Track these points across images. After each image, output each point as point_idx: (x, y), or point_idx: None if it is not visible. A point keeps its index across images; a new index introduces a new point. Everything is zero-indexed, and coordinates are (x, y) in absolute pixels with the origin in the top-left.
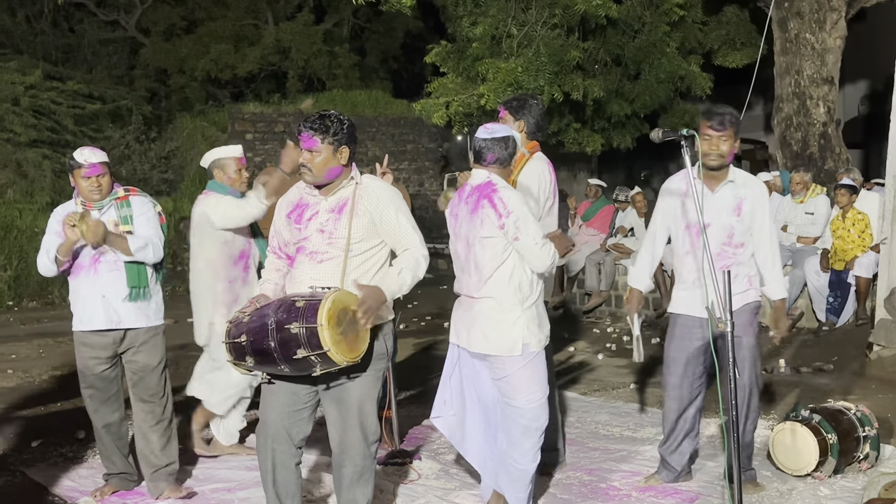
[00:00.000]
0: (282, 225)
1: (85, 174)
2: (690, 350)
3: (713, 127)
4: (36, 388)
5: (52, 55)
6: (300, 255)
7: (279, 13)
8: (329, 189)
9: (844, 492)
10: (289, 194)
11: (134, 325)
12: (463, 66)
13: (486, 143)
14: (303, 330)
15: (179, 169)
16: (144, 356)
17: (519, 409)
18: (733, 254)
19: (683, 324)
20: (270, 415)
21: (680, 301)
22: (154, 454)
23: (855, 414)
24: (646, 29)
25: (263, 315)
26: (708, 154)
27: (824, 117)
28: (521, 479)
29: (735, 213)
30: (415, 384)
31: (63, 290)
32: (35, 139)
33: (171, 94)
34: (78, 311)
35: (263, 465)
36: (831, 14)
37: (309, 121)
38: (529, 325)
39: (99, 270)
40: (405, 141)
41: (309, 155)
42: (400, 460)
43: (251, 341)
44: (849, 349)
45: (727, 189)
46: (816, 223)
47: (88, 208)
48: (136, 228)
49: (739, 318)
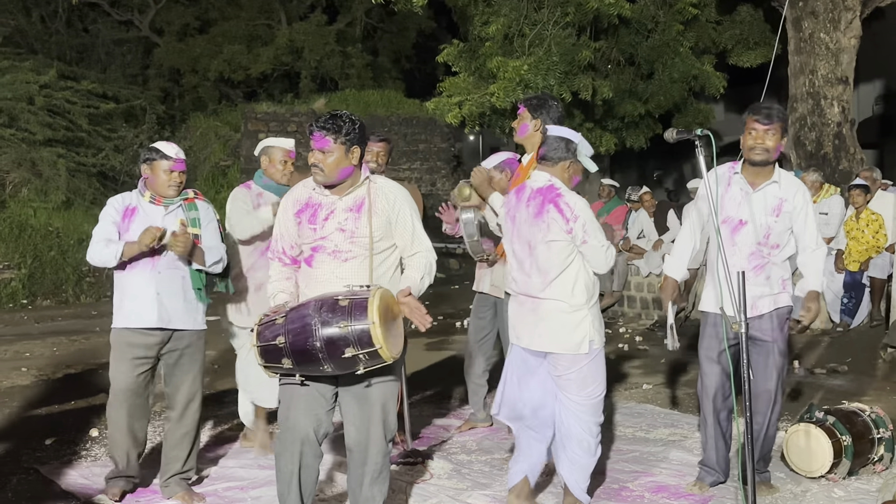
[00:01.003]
0: (289, 225)
1: (171, 167)
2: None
3: (759, 120)
4: (50, 386)
5: (66, 55)
6: (319, 254)
7: (292, 13)
8: (342, 188)
9: (859, 494)
10: (294, 194)
11: (183, 326)
12: (475, 65)
13: (555, 141)
14: (352, 328)
15: (193, 168)
16: (188, 359)
17: (581, 404)
18: (768, 254)
19: (714, 322)
20: (300, 418)
21: (710, 299)
22: (179, 461)
23: (869, 416)
24: (659, 28)
25: (303, 316)
26: (753, 148)
27: (839, 117)
28: (582, 470)
29: (774, 213)
30: (427, 384)
31: (77, 289)
32: (50, 138)
33: (185, 93)
34: (126, 308)
35: (288, 468)
36: (846, 13)
37: (321, 121)
38: (594, 323)
39: (157, 267)
40: (417, 141)
41: (321, 155)
42: (412, 460)
43: (290, 342)
44: (863, 350)
45: (770, 189)
46: (830, 223)
47: (158, 203)
48: (205, 237)
49: (770, 322)
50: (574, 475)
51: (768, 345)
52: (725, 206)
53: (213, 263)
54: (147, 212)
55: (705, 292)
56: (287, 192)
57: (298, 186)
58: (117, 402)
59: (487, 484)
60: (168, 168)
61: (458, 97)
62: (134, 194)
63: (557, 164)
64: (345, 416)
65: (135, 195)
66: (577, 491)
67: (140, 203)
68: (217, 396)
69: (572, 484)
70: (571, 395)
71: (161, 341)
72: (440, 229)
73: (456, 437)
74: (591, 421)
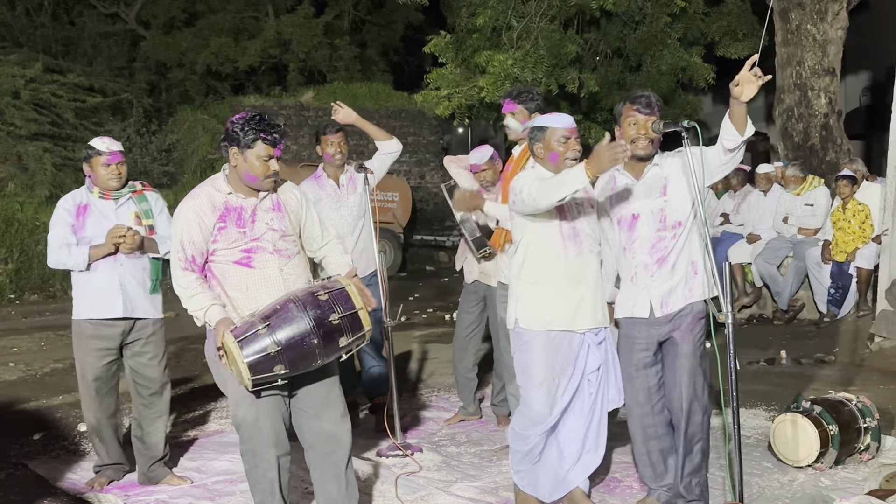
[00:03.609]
0: (204, 231)
1: (106, 161)
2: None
3: (640, 109)
4: (38, 381)
5: (52, 48)
6: (258, 254)
7: (279, 6)
8: (255, 190)
9: (845, 483)
10: (204, 201)
11: (145, 315)
12: (462, 56)
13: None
14: (345, 318)
15: (180, 162)
16: (152, 347)
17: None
18: (672, 237)
19: (628, 333)
20: (272, 423)
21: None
22: (156, 447)
23: (856, 405)
24: (647, 20)
25: (291, 318)
26: (636, 140)
27: (826, 108)
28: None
29: (661, 194)
30: (416, 377)
31: (65, 283)
32: (36, 132)
33: (172, 87)
34: (90, 300)
35: (268, 476)
36: (832, 5)
37: (276, 129)
38: (525, 303)
39: (119, 259)
40: (406, 133)
41: (277, 165)
42: (401, 452)
43: (285, 347)
44: (850, 340)
45: (652, 172)
46: (816, 215)
47: (107, 198)
48: (159, 226)
49: (683, 320)
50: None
51: (678, 347)
52: (616, 206)
53: (167, 252)
54: (99, 207)
55: (619, 298)
56: (188, 199)
57: (204, 193)
58: (90, 393)
59: (476, 476)
60: (104, 162)
61: (446, 89)
62: (83, 191)
63: (534, 152)
64: (304, 413)
65: (84, 192)
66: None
67: (91, 199)
68: (205, 390)
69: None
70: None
71: (124, 331)
72: (430, 223)
73: (445, 429)
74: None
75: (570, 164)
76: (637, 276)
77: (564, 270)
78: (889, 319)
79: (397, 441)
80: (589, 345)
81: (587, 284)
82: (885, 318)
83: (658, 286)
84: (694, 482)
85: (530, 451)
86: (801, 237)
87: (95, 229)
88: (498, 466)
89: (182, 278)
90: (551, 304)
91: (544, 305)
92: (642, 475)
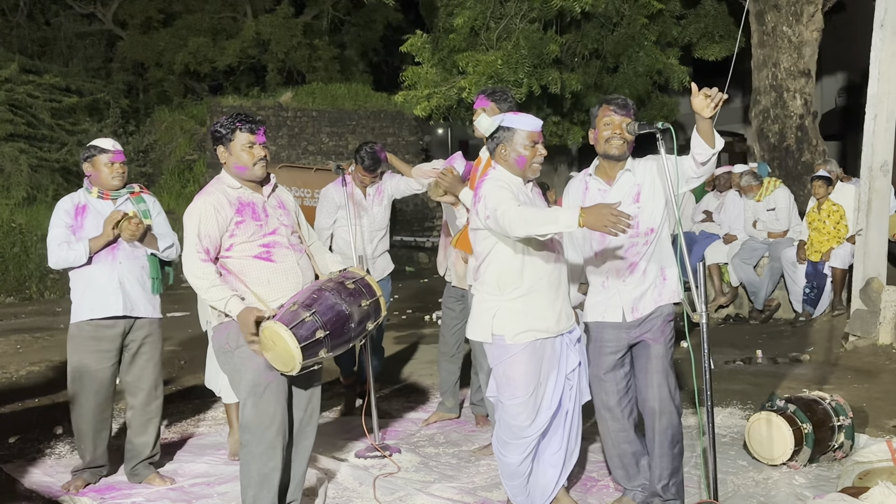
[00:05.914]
0: (221, 225)
1: (111, 160)
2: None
3: (615, 110)
4: (13, 384)
5: (27, 48)
6: (277, 249)
7: (258, 6)
8: (257, 185)
9: (819, 480)
10: (219, 196)
11: (144, 314)
12: (439, 56)
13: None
14: (372, 304)
15: (158, 163)
16: (149, 348)
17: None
18: (644, 243)
19: (598, 336)
20: (279, 414)
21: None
22: (148, 447)
23: (830, 403)
24: (624, 22)
25: (332, 305)
26: (610, 139)
27: (801, 110)
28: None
29: (634, 200)
30: (395, 377)
31: (41, 285)
32: (11, 133)
33: (149, 87)
34: (90, 301)
35: (269, 464)
36: (808, 7)
37: (252, 118)
38: (505, 316)
39: (118, 258)
40: (385, 134)
41: (264, 150)
42: (379, 453)
43: (331, 332)
44: (825, 339)
45: (625, 178)
46: (780, 218)
47: (105, 198)
48: (157, 226)
49: (653, 323)
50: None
51: (650, 348)
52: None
53: (166, 248)
54: (97, 207)
55: (589, 302)
56: (203, 195)
57: (218, 190)
58: (84, 395)
59: (454, 476)
60: (108, 161)
61: (425, 89)
62: (81, 193)
63: (495, 153)
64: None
65: (82, 193)
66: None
67: (89, 199)
68: (183, 393)
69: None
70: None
71: (124, 330)
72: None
73: (423, 430)
74: (499, 423)
75: (537, 168)
76: (608, 281)
77: (547, 281)
78: (863, 319)
79: (375, 442)
80: (567, 344)
81: (563, 287)
82: (859, 318)
83: (630, 291)
84: (671, 482)
85: (520, 463)
86: (773, 239)
87: (94, 229)
88: (476, 467)
89: (200, 269)
90: (538, 315)
91: (532, 316)
92: (615, 476)
